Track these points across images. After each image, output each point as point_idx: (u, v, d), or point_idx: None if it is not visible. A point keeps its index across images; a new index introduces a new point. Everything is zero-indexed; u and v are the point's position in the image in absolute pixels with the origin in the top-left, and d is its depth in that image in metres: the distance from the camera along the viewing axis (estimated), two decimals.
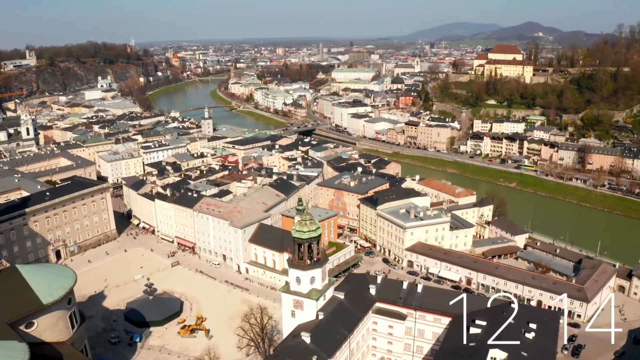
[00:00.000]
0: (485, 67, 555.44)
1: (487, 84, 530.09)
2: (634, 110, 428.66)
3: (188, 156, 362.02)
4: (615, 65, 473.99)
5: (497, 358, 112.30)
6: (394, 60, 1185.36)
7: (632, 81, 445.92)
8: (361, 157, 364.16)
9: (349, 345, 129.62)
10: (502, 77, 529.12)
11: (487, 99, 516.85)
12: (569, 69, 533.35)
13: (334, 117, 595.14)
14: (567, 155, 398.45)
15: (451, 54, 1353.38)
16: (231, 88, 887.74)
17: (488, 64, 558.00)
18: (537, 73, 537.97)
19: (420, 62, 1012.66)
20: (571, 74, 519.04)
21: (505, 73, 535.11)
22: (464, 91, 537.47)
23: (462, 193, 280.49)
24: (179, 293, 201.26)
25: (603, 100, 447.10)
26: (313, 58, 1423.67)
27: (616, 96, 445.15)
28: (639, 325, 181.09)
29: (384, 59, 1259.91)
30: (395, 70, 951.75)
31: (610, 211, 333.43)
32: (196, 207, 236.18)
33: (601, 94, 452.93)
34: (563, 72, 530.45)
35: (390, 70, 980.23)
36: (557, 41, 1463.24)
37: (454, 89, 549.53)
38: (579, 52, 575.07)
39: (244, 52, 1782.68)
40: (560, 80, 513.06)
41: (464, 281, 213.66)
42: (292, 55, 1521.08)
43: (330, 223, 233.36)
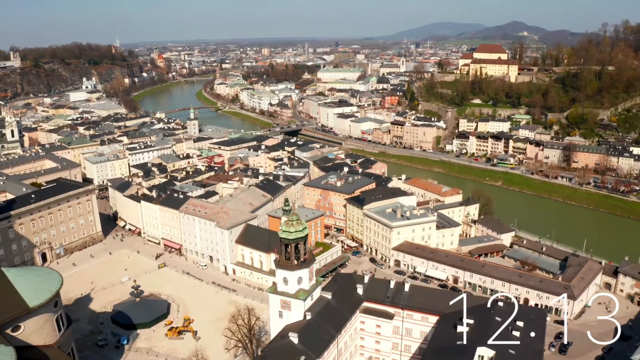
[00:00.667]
0: (471, 67, 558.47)
1: (473, 83, 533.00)
2: (618, 109, 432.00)
3: (174, 157, 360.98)
4: (600, 64, 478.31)
5: (485, 356, 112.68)
6: (379, 60, 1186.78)
7: (617, 80, 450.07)
8: (347, 157, 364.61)
9: (337, 345, 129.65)
10: (488, 77, 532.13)
11: (473, 98, 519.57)
12: (553, 68, 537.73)
13: (320, 117, 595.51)
14: (553, 154, 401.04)
15: (436, 53, 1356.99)
16: (217, 89, 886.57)
17: (473, 63, 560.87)
18: (522, 72, 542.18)
19: (406, 62, 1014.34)
20: (556, 73, 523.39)
21: (490, 72, 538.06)
22: (449, 91, 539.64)
23: (448, 192, 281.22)
24: (166, 295, 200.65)
25: (588, 99, 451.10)
26: (299, 58, 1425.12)
27: (601, 95, 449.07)
28: (625, 321, 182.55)
29: (369, 59, 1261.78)
30: (380, 70, 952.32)
31: (596, 209, 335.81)
32: (182, 208, 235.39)
33: (586, 92, 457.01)
34: (548, 71, 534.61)
35: (375, 70, 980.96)
36: (541, 40, 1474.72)
37: (439, 89, 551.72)
38: (563, 51, 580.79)
39: (229, 52, 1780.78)
40: (545, 79, 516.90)
41: (450, 280, 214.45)
42: (277, 56, 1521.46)
43: (317, 223, 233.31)
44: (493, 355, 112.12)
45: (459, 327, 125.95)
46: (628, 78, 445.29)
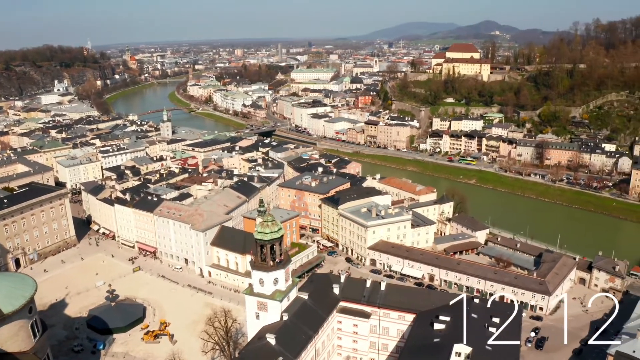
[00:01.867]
0: (443, 66, 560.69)
1: (446, 82, 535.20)
2: (590, 106, 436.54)
3: (147, 160, 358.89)
4: (571, 62, 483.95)
5: (462, 353, 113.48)
6: (352, 60, 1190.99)
7: (588, 77, 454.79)
8: (322, 157, 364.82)
9: (315, 345, 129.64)
10: (460, 76, 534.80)
11: (446, 97, 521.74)
12: (525, 67, 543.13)
13: (294, 117, 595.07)
14: (526, 151, 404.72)
15: (409, 53, 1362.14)
16: (190, 90, 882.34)
17: (446, 62, 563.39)
18: (495, 71, 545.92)
19: (379, 62, 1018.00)
20: (528, 71, 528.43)
21: (463, 71, 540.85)
22: (422, 90, 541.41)
23: (423, 191, 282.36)
24: (141, 298, 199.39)
25: (560, 97, 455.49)
26: (272, 59, 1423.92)
27: (572, 92, 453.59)
28: (600, 316, 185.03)
29: (342, 59, 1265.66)
30: (354, 70, 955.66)
31: (569, 205, 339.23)
32: (156, 211, 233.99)
33: (558, 90, 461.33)
34: (520, 70, 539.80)
35: (349, 70, 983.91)
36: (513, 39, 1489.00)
37: (412, 88, 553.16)
38: (535, 50, 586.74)
39: (202, 53, 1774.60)
40: (518, 78, 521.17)
41: (426, 278, 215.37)
42: (250, 56, 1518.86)
43: (292, 224, 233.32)
44: (470, 352, 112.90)
45: (436, 324, 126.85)
46: (599, 76, 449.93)
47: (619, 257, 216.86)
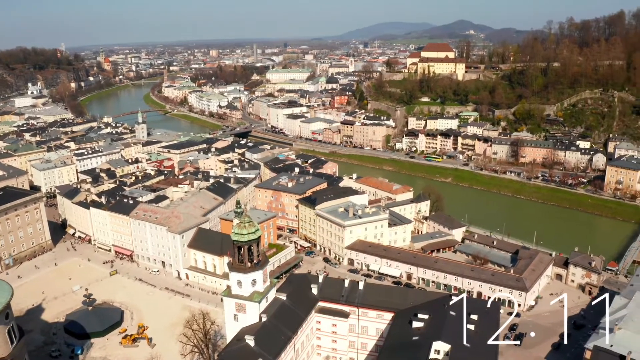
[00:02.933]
0: (419, 66, 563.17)
1: (421, 81, 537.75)
2: (564, 104, 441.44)
3: (122, 162, 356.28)
4: (545, 61, 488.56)
5: (441, 350, 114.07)
6: (328, 60, 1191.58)
7: (562, 76, 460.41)
8: (298, 158, 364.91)
9: (294, 345, 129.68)
10: (435, 75, 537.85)
11: (421, 97, 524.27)
12: (500, 66, 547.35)
13: (270, 118, 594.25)
14: (501, 149, 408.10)
15: (384, 53, 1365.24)
16: (165, 91, 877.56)
17: (421, 62, 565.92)
18: (469, 70, 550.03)
19: (354, 62, 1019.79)
20: (502, 70, 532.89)
21: (438, 71, 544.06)
22: (398, 89, 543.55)
23: (399, 190, 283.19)
24: (118, 302, 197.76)
25: (534, 95, 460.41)
26: (247, 59, 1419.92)
27: (547, 90, 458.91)
28: (577, 311, 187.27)
29: (318, 59, 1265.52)
30: (329, 70, 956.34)
31: (545, 202, 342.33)
32: (132, 214, 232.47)
33: (532, 88, 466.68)
34: (494, 69, 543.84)
35: (324, 70, 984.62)
36: (488, 38, 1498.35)
37: (388, 88, 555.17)
38: (509, 49, 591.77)
39: (177, 54, 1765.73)
40: (492, 77, 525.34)
41: (404, 276, 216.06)
42: (226, 57, 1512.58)
43: (269, 224, 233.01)
44: (449, 349, 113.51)
45: (414, 322, 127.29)
46: (573, 74, 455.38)
47: (595, 253, 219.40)
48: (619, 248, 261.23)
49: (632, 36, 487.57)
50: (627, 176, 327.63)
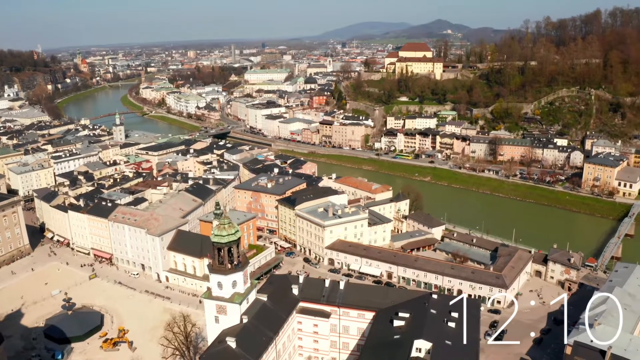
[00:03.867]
0: (397, 65, 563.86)
1: (399, 81, 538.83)
2: (541, 102, 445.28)
3: (100, 165, 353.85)
4: (523, 60, 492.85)
5: (422, 348, 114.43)
6: (306, 61, 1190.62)
7: (539, 74, 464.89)
8: (277, 158, 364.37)
9: (275, 346, 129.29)
10: (413, 75, 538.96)
11: (399, 96, 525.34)
12: (477, 65, 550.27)
13: (248, 119, 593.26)
14: (479, 148, 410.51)
15: (363, 53, 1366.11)
16: (142, 93, 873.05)
17: (399, 61, 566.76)
18: (447, 69, 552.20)
19: (333, 62, 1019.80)
20: (480, 69, 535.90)
21: (416, 70, 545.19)
22: (376, 89, 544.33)
23: (379, 189, 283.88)
24: (98, 306, 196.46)
25: (511, 94, 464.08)
26: (225, 60, 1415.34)
27: (524, 89, 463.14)
28: (557, 307, 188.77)
29: (296, 60, 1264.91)
30: (308, 71, 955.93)
31: (523, 200, 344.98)
32: (111, 216, 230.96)
33: (509, 87, 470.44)
34: (472, 68, 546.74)
35: (303, 71, 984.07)
36: (465, 38, 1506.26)
37: (366, 88, 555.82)
38: (487, 48, 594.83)
39: (154, 55, 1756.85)
40: (470, 76, 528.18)
41: (385, 275, 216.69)
42: (204, 58, 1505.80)
43: (249, 226, 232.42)
44: (430, 347, 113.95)
45: (395, 321, 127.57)
46: (550, 72, 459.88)
47: (574, 249, 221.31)
48: (598, 244, 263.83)
49: (608, 34, 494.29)
50: (605, 173, 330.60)
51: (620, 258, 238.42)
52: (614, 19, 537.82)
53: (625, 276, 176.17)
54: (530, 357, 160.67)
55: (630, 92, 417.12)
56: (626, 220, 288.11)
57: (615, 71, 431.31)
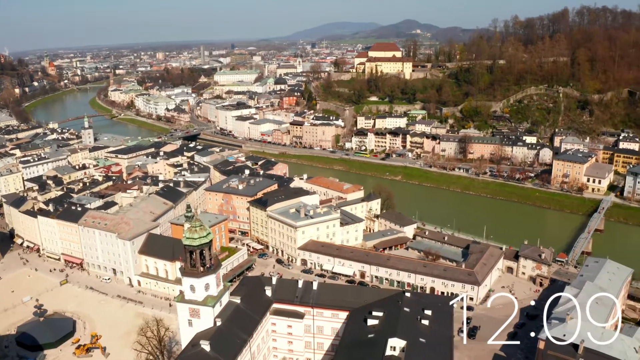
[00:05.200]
0: (366, 65, 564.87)
1: (369, 81, 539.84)
2: (510, 100, 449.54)
3: (69, 169, 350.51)
4: (491, 59, 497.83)
5: (397, 347, 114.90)
6: (276, 61, 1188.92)
7: (508, 73, 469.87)
8: (248, 160, 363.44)
9: (250, 349, 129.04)
10: (383, 74, 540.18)
11: (369, 96, 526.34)
12: (446, 64, 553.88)
13: (219, 120, 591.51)
14: (449, 147, 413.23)
15: (332, 53, 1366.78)
16: (111, 95, 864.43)
17: (369, 61, 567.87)
18: (417, 69, 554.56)
19: (302, 62, 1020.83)
20: (449, 68, 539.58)
21: (385, 70, 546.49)
22: (346, 89, 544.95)
23: (350, 189, 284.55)
24: (70, 312, 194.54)
25: (481, 92, 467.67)
26: (194, 61, 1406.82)
27: (493, 88, 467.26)
28: (529, 302, 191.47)
29: (266, 60, 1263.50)
30: (277, 71, 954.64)
31: (493, 197, 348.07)
32: (81, 221, 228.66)
33: (478, 86, 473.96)
34: (441, 67, 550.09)
35: (272, 72, 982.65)
36: (434, 37, 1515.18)
37: (336, 88, 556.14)
38: (455, 47, 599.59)
39: (122, 57, 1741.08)
40: (439, 75, 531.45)
41: (357, 275, 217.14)
42: (172, 60, 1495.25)
43: (220, 228, 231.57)
44: (404, 345, 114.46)
45: (369, 320, 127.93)
46: (518, 71, 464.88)
47: (544, 245, 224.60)
48: (568, 240, 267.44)
49: (575, 33, 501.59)
50: (574, 169, 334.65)
51: (591, 253, 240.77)
52: (581, 18, 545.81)
53: (595, 270, 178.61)
54: (504, 352, 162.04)
55: (597, 89, 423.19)
56: (595, 215, 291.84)
57: (582, 69, 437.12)
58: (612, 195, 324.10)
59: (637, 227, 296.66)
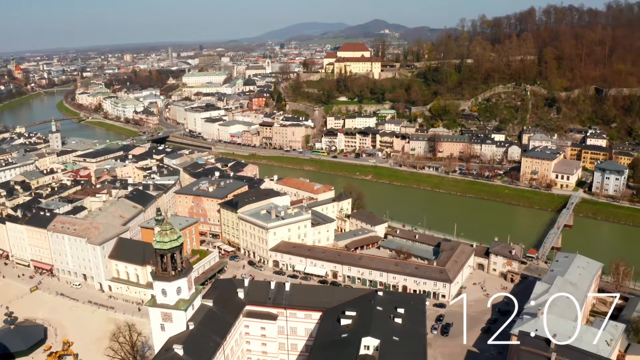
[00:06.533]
0: (335, 65, 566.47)
1: (338, 81, 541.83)
2: (478, 99, 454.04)
3: (37, 173, 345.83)
4: (459, 58, 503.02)
5: (370, 345, 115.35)
6: (245, 62, 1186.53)
7: (476, 71, 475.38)
8: (218, 162, 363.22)
9: (224, 352, 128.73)
10: (352, 74, 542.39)
11: (339, 96, 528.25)
12: (415, 64, 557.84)
13: (188, 122, 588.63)
14: (419, 145, 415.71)
15: (301, 53, 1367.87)
16: (78, 98, 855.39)
17: (337, 62, 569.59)
18: (385, 69, 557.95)
19: (271, 63, 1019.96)
20: (417, 68, 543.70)
21: (354, 70, 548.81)
22: (315, 90, 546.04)
23: (321, 189, 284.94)
24: (41, 319, 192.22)
25: (449, 91, 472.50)
26: (162, 63, 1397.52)
27: (461, 86, 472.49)
28: (501, 299, 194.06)
29: (234, 62, 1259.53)
30: (246, 72, 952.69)
31: (463, 195, 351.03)
32: (50, 226, 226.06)
33: (447, 85, 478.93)
34: (410, 67, 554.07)
35: (241, 73, 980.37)
36: (402, 37, 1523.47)
37: (305, 88, 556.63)
38: (424, 47, 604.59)
39: (90, 60, 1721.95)
40: (408, 75, 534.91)
41: (330, 275, 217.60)
42: (140, 62, 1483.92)
43: (191, 231, 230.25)
44: (378, 344, 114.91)
45: (342, 320, 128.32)
46: (486, 69, 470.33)
47: (515, 242, 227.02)
48: (538, 235, 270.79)
49: (542, 31, 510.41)
50: (542, 166, 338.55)
51: (561, 248, 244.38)
52: (548, 17, 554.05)
53: (566, 265, 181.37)
54: (477, 348, 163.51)
55: (564, 87, 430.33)
56: (564, 211, 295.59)
57: (549, 67, 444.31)
58: (581, 191, 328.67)
59: (605, 222, 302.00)
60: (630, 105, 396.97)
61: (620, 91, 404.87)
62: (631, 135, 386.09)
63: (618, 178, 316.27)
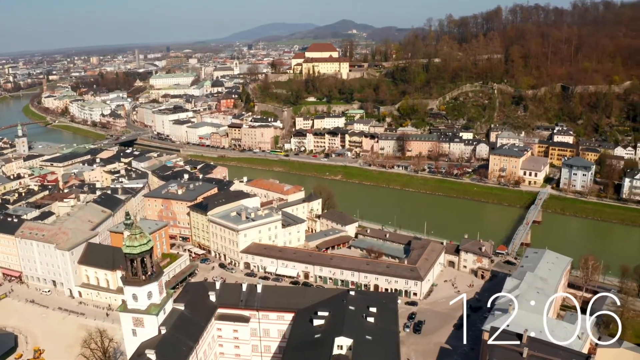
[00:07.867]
0: (303, 66, 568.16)
1: (306, 81, 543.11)
2: (446, 98, 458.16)
3: (3, 179, 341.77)
4: (427, 57, 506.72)
5: (344, 345, 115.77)
6: (212, 64, 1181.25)
7: (443, 71, 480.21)
8: (186, 164, 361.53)
9: (196, 355, 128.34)
10: (320, 75, 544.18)
11: (307, 97, 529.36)
12: (383, 63, 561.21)
13: (155, 125, 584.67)
14: (387, 145, 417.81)
15: (269, 54, 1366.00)
16: (45, 102, 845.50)
17: (306, 62, 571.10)
18: (353, 69, 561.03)
19: (239, 64, 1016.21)
20: (385, 67, 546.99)
21: (322, 70, 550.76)
22: (284, 90, 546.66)
23: (291, 190, 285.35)
24: (11, 327, 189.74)
25: (417, 91, 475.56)
26: (129, 65, 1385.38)
27: (429, 86, 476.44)
28: (472, 295, 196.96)
29: (202, 63, 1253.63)
30: (214, 74, 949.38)
31: (433, 193, 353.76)
32: (18, 232, 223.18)
33: (415, 84, 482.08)
34: (378, 67, 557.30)
35: (209, 74, 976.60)
36: (370, 37, 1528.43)
37: (274, 89, 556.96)
38: (391, 47, 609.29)
39: (56, 63, 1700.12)
40: (376, 75, 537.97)
41: (301, 276, 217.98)
42: (107, 64, 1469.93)
43: (161, 234, 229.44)
44: (351, 343, 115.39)
45: (315, 320, 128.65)
46: (454, 69, 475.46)
47: (484, 238, 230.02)
48: (507, 232, 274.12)
49: (509, 30, 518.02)
50: (510, 163, 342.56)
51: (530, 244, 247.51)
52: (514, 16, 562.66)
53: (535, 261, 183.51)
54: (449, 345, 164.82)
55: (531, 85, 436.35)
56: (533, 207, 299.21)
57: (516, 65, 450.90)
58: (549, 187, 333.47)
59: (573, 217, 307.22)
60: (596, 102, 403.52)
61: (586, 88, 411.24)
62: (597, 132, 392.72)
63: (585, 174, 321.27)
